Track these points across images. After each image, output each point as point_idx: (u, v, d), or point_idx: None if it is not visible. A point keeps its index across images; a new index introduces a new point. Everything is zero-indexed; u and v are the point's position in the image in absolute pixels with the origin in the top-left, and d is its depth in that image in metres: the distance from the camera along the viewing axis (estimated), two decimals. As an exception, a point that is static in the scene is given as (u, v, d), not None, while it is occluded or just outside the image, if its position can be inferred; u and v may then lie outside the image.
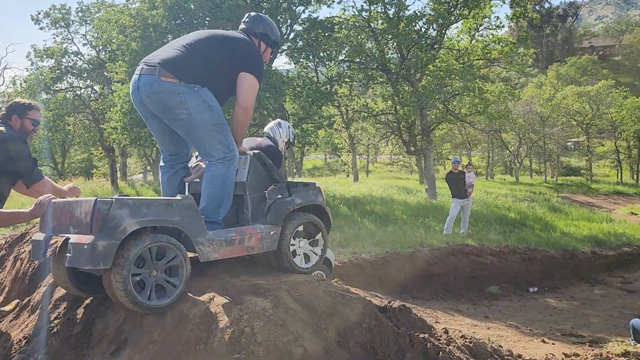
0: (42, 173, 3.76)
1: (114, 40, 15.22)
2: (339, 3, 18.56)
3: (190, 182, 3.64)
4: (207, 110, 3.16)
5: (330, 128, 21.91)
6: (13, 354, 3.11)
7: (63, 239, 2.79)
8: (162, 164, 3.65)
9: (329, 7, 17.75)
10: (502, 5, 19.32)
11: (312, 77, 17.71)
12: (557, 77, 61.25)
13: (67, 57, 26.77)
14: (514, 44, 18.52)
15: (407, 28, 16.66)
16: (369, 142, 39.78)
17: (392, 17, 17.18)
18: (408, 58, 17.44)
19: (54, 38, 27.44)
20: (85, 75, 27.44)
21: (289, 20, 16.12)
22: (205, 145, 3.24)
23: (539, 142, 40.41)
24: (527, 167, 47.64)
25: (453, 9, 17.78)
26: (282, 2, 15.66)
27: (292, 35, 16.50)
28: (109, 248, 2.59)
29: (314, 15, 16.60)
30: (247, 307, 2.80)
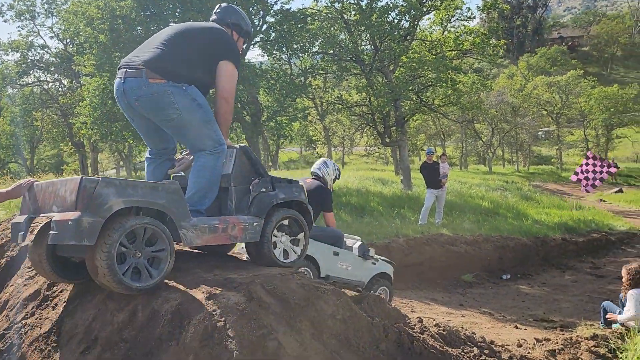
0: None
1: (82, 33, 14.85)
2: (312, -6, 18.52)
3: (175, 174, 3.65)
4: (197, 109, 3.19)
5: (305, 120, 21.88)
6: (-22, 356, 3.03)
7: (45, 221, 2.83)
8: (147, 156, 3.67)
9: (302, -2, 17.74)
10: (473, -3, 19.50)
11: (285, 69, 17.59)
12: (527, 67, 62.27)
13: (33, 50, 26.14)
14: (485, 35, 18.71)
15: (379, 19, 16.67)
16: (344, 134, 39.85)
17: (364, 8, 17.17)
18: (381, 49, 17.47)
19: (19, 31, 26.77)
20: (53, 69, 26.85)
21: (261, 12, 15.96)
22: (196, 142, 3.29)
23: (511, 132, 41.02)
24: (499, 156, 48.37)
25: (425, 0, 17.87)
26: (254, -7, 15.52)
27: (264, 27, 16.35)
28: (94, 225, 2.60)
29: (287, 7, 16.43)
30: (219, 301, 2.77)
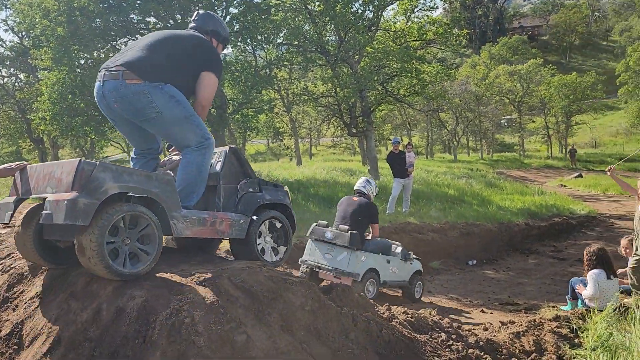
0: None
1: (38, 26, 14.32)
2: (275, -16, 18.32)
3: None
4: (175, 106, 3.20)
5: (271, 112, 21.74)
6: None
7: (36, 204, 2.98)
8: (133, 156, 3.70)
9: (265, -12, 17.48)
10: (435, -13, 19.66)
11: (250, 61, 17.41)
12: (489, 57, 63.24)
13: (-14, 44, 25.14)
14: (448, 25, 18.92)
15: (344, 10, 16.65)
16: (311, 125, 39.82)
17: (328, -2, 17.14)
18: (346, 40, 17.47)
19: (-29, 24, 25.69)
20: (8, 63, 25.95)
21: (224, 3, 15.70)
22: (179, 138, 3.33)
23: (475, 120, 41.73)
24: (464, 145, 49.15)
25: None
26: (216, -17, 15.28)
27: (227, 19, 16.12)
28: (89, 206, 2.64)
29: (250, -2, 16.24)
30: (186, 297, 2.74)
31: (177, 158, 3.56)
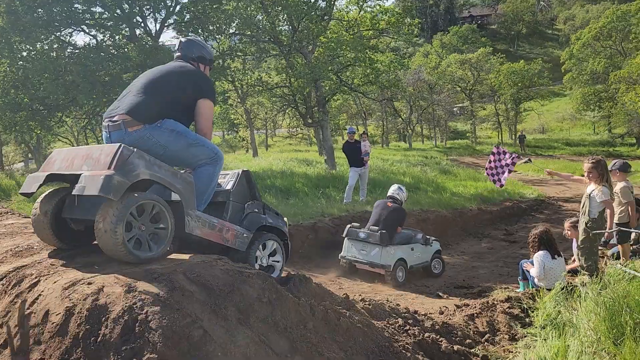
0: None
1: (-26, 16, 13.62)
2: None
3: None
4: (178, 138, 3.42)
5: (225, 104, 21.48)
6: None
7: (49, 191, 3.38)
8: None
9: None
10: (387, -24, 19.78)
11: (202, 51, 17.09)
12: (441, 45, 64.42)
13: None
14: (400, 14, 19.10)
15: (296, -1, 16.58)
16: (267, 116, 39.55)
17: (281, -12, 16.97)
18: (299, 30, 17.38)
19: None
20: (-56, 56, 24.46)
21: (174, -8, 15.34)
22: (192, 162, 3.56)
23: (428, 108, 42.44)
24: (418, 133, 49.99)
25: (341, -20, 17.93)
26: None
27: (178, 8, 15.74)
28: (122, 184, 2.93)
29: (200, -13, 15.88)
30: (140, 293, 2.68)
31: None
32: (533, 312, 4.56)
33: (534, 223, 13.10)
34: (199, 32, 15.18)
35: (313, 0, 17.84)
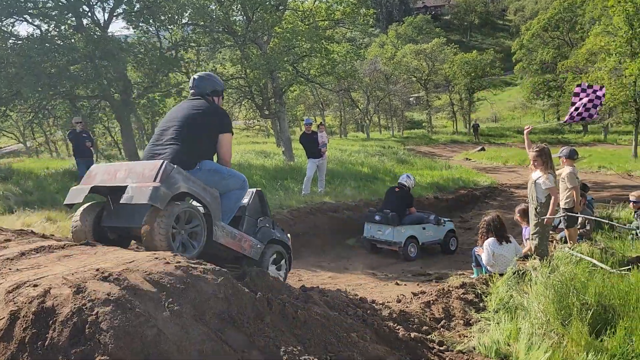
0: None
1: None
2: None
3: None
4: (214, 174, 4.02)
5: (180, 96, 20.97)
6: None
7: (87, 205, 3.89)
8: None
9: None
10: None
11: (154, 42, 16.63)
12: (396, 36, 65.06)
13: None
14: (355, 5, 19.12)
15: (250, -11, 16.32)
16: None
17: (233, -23, 16.70)
18: (254, 20, 17.16)
19: None
20: None
21: (123, -19, 14.83)
22: (226, 190, 4.12)
23: (385, 99, 42.87)
24: (376, 123, 50.44)
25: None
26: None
27: (128, -2, 15.24)
28: (166, 194, 3.45)
29: (151, -25, 15.40)
30: (89, 294, 2.59)
31: None
32: (487, 297, 4.68)
33: (487, 210, 13.47)
34: (150, 22, 14.76)
35: (267, -10, 17.62)
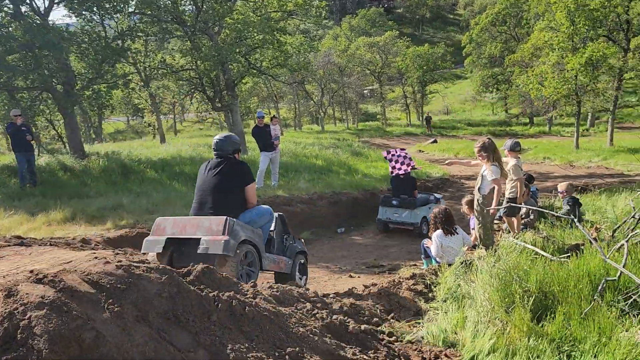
0: None
1: None
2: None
3: None
4: (252, 220, 5.04)
5: (127, 87, 20.40)
6: None
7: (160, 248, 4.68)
8: None
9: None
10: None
11: (99, 31, 16.01)
12: (350, 28, 65.23)
13: None
14: (308, -4, 19.03)
15: (199, -22, 15.95)
16: (173, 100, 38.15)
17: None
18: (204, 10, 16.80)
19: None
20: None
21: (66, -33, 14.18)
22: (261, 225, 5.19)
23: (339, 91, 43.01)
24: (331, 115, 50.58)
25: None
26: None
27: (70, -15, 14.57)
28: (234, 244, 4.51)
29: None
30: (21, 298, 2.45)
31: None
32: (436, 287, 4.75)
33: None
34: (94, 10, 14.16)
35: (217, -20, 17.27)
